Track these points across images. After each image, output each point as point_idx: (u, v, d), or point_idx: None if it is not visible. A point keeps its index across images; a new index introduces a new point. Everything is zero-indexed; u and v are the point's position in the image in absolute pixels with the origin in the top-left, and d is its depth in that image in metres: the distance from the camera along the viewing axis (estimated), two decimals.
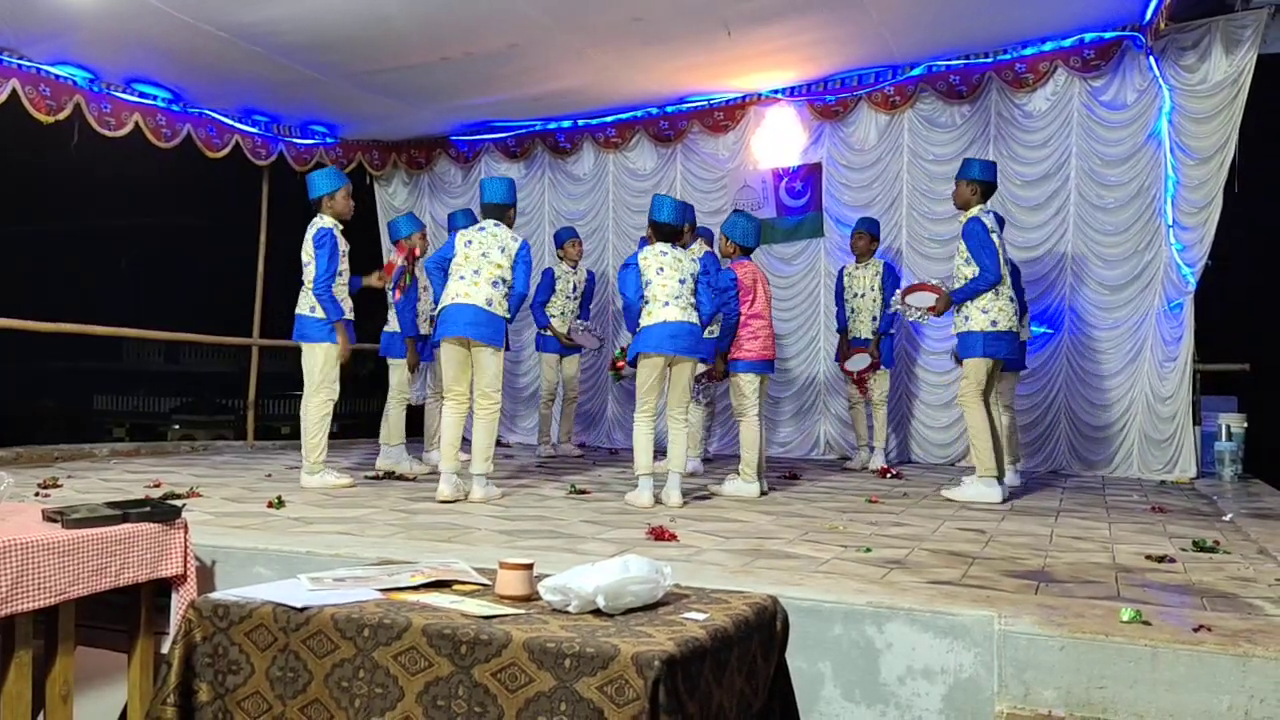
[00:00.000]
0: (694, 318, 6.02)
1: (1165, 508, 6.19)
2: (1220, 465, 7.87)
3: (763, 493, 6.46)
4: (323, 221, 6.47)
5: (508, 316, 6.09)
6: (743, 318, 6.50)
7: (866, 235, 8.13)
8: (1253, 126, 7.64)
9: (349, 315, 6.53)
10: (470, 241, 6.08)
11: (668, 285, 5.98)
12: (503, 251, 6.04)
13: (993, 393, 6.44)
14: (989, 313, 6.18)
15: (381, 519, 5.13)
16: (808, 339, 9.43)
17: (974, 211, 6.27)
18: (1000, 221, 6.57)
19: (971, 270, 6.22)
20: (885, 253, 8.92)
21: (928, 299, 6.62)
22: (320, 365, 6.42)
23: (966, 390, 6.27)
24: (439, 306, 6.09)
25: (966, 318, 6.26)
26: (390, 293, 7.35)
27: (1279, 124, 8.32)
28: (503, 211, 6.23)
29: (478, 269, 5.99)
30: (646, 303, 6.01)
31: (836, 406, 9.22)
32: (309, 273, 6.44)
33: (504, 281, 6.04)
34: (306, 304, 6.46)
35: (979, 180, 6.32)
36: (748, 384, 6.52)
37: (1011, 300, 6.27)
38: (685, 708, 2.10)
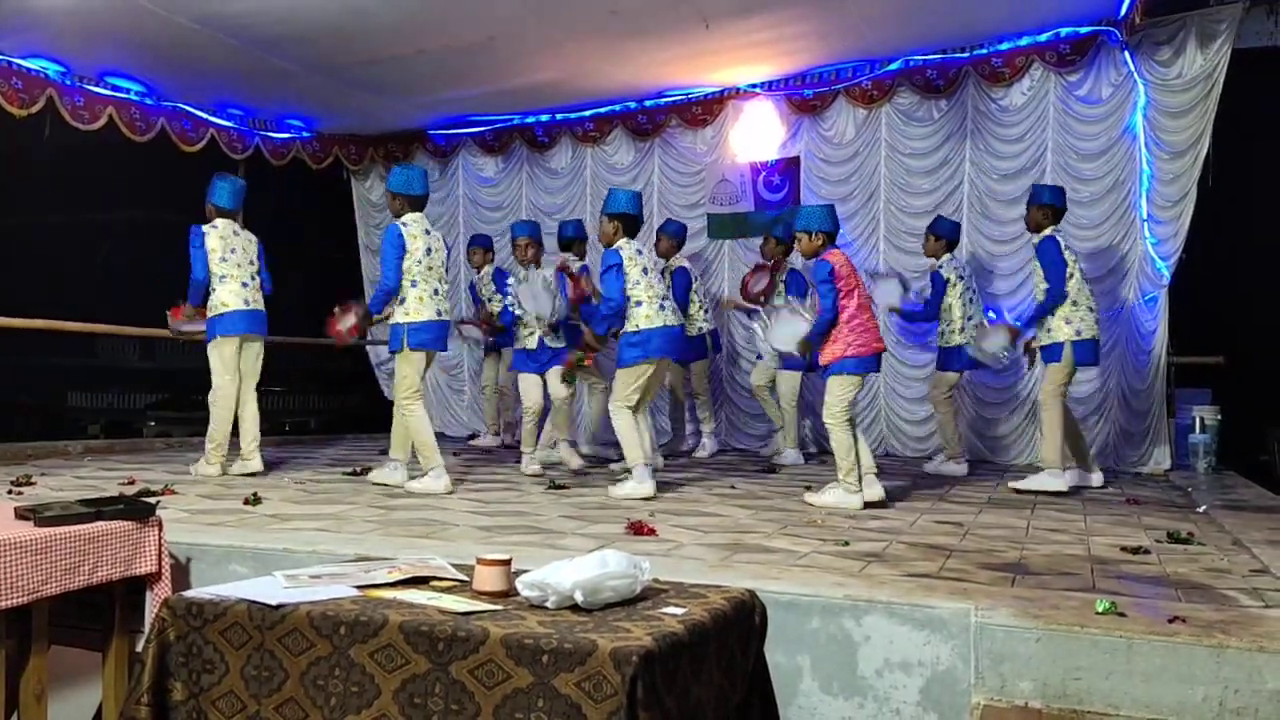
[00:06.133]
0: (680, 319, 6.10)
1: (1140, 500, 6.24)
2: (1194, 457, 7.93)
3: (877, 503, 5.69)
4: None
5: None
6: (849, 311, 5.61)
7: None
8: (1227, 121, 7.69)
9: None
10: (430, 249, 6.18)
11: (655, 286, 5.97)
12: (443, 262, 6.33)
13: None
14: (1072, 323, 6.47)
15: (359, 515, 5.10)
16: None
17: (1047, 231, 6.57)
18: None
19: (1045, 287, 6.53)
20: (863, 246, 8.96)
21: (1000, 338, 6.73)
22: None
23: (1047, 391, 6.55)
24: (419, 317, 6.10)
25: (1049, 330, 6.51)
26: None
27: (1253, 118, 8.36)
28: (426, 202, 6.39)
29: (440, 279, 6.24)
30: (639, 304, 5.93)
31: (817, 402, 9.21)
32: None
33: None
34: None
35: (1049, 205, 6.64)
36: (851, 387, 5.66)
37: (1091, 309, 6.58)
38: (663, 703, 2.09)
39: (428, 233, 6.21)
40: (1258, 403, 8.63)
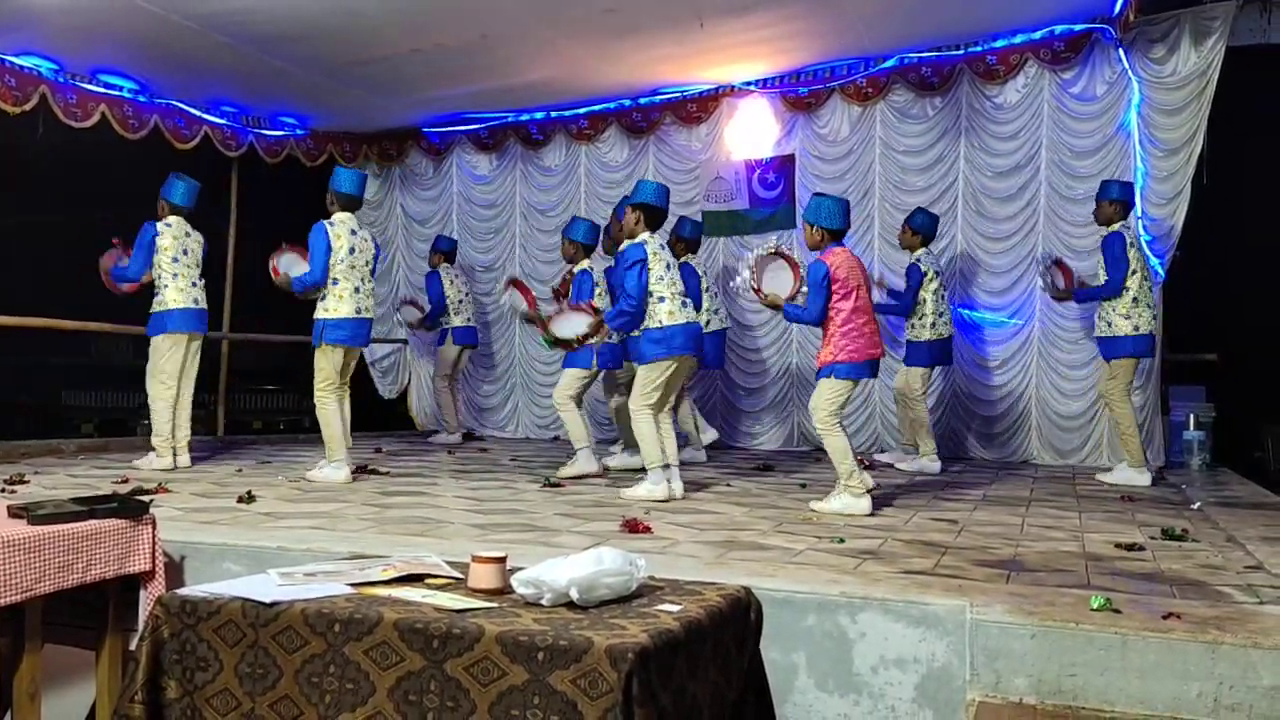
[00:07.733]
0: (697, 316, 6.13)
1: (1134, 496, 6.25)
2: (1188, 454, 7.96)
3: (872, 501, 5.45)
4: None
5: None
6: (844, 314, 5.39)
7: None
8: (1221, 118, 7.70)
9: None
10: (354, 249, 6.43)
11: (677, 283, 5.94)
12: (367, 261, 6.54)
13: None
14: (1131, 319, 6.78)
15: (354, 513, 5.10)
16: (780, 329, 9.42)
17: (1115, 227, 6.88)
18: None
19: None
20: (858, 244, 8.95)
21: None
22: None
23: (1113, 389, 6.86)
24: (338, 314, 6.34)
25: (1109, 324, 6.86)
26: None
27: (1247, 115, 8.38)
28: (360, 204, 6.69)
29: (363, 278, 6.49)
30: (662, 300, 5.83)
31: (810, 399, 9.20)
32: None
33: None
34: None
35: (1119, 200, 6.94)
36: (841, 391, 5.48)
37: (1150, 306, 6.85)
38: (659, 699, 2.09)
39: (353, 233, 6.46)
40: (1252, 400, 8.66)
